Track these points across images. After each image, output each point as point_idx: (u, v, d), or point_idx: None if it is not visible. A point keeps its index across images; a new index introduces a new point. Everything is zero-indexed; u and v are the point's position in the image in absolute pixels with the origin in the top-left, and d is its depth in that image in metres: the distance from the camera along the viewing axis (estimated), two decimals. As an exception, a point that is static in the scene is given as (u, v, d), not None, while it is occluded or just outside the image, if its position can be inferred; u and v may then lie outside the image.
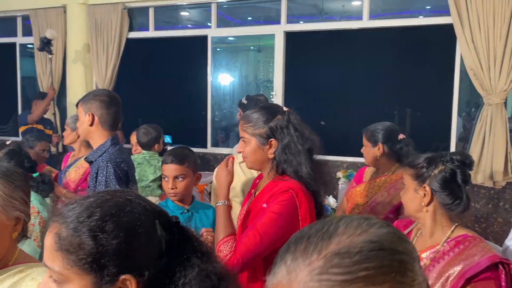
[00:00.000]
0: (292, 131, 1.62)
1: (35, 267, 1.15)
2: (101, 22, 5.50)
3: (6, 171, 1.19)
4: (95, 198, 0.83)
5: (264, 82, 7.99)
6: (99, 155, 2.06)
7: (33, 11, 5.91)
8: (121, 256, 0.79)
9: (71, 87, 5.83)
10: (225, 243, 1.56)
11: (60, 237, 0.80)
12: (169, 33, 5.62)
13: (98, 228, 0.79)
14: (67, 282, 0.80)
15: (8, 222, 1.14)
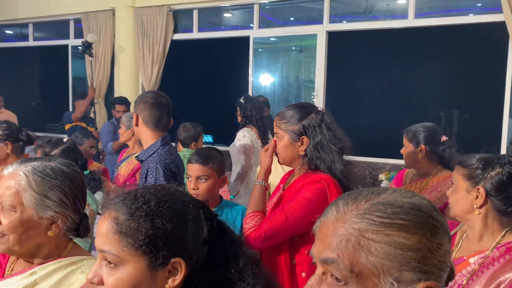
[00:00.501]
0: (325, 130, 1.66)
1: (86, 260, 1.18)
2: (147, 24, 5.67)
3: (44, 169, 1.15)
4: (148, 188, 0.90)
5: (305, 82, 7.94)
6: (149, 155, 2.14)
7: (84, 14, 6.19)
8: (173, 240, 0.85)
9: (118, 87, 6.05)
10: (252, 217, 1.66)
11: (118, 222, 0.85)
12: (212, 34, 5.72)
13: (155, 212, 0.85)
14: (122, 264, 0.84)
15: (39, 221, 1.12)
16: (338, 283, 0.67)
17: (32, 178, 1.12)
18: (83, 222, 1.21)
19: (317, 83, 4.99)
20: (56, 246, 1.18)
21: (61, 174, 1.16)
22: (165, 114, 2.20)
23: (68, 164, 1.22)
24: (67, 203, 1.14)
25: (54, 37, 7.14)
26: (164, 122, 2.20)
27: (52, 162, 1.19)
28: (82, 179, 1.23)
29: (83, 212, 1.22)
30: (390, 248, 0.64)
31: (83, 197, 1.21)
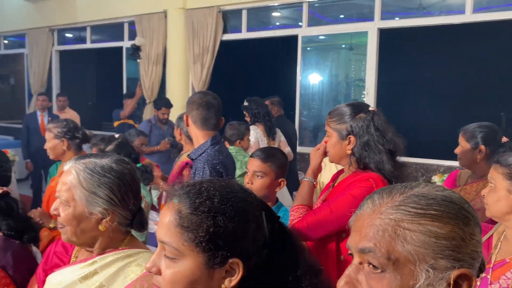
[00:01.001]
0: (373, 130, 1.65)
1: (142, 254, 1.22)
2: (197, 25, 5.79)
3: (94, 167, 1.19)
4: (212, 183, 0.89)
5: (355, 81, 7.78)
6: (199, 154, 2.19)
7: (138, 17, 6.41)
8: (233, 240, 0.83)
9: (170, 87, 6.22)
10: (297, 209, 1.71)
11: (180, 215, 0.84)
12: (261, 34, 5.73)
13: (217, 210, 0.83)
14: (181, 258, 0.83)
15: (90, 216, 1.17)
16: (375, 271, 0.70)
17: (82, 175, 1.18)
18: (137, 217, 1.23)
19: (368, 81, 4.87)
20: (111, 239, 1.22)
21: (109, 172, 1.19)
22: (214, 114, 2.21)
23: (119, 161, 1.24)
24: (115, 200, 1.17)
25: (109, 40, 7.45)
26: (213, 122, 2.22)
27: (104, 159, 1.23)
28: (133, 176, 1.23)
29: (136, 207, 1.23)
30: (425, 236, 0.68)
31: (133, 193, 1.22)
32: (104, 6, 6.91)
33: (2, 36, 8.94)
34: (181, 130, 3.31)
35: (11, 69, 10.22)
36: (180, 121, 3.29)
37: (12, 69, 10.16)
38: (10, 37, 9.01)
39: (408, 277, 0.68)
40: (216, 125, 2.24)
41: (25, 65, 8.69)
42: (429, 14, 4.89)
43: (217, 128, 2.26)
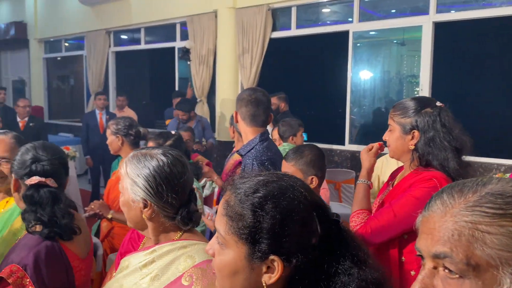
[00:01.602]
0: (439, 126, 1.59)
1: (197, 245, 1.25)
2: (247, 24, 5.84)
3: (139, 157, 1.25)
4: (264, 177, 0.89)
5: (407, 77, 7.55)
6: (248, 150, 2.22)
7: (189, 17, 6.57)
8: (273, 237, 0.82)
9: (220, 85, 6.33)
10: (358, 214, 1.68)
11: (228, 204, 0.87)
12: (310, 30, 5.68)
13: (258, 205, 0.83)
14: (227, 247, 0.87)
15: (133, 203, 1.24)
16: (453, 276, 0.67)
17: (129, 165, 1.26)
18: (181, 212, 1.25)
19: (422, 77, 4.71)
20: (164, 230, 1.26)
21: (149, 164, 1.24)
22: (262, 111, 2.23)
23: (167, 154, 1.27)
24: (150, 192, 1.21)
25: (162, 40, 7.67)
26: (262, 118, 2.23)
27: (154, 150, 1.29)
28: (174, 171, 1.24)
29: (178, 202, 1.24)
30: (507, 238, 0.64)
31: (172, 187, 1.23)
32: (157, 8, 7.14)
33: (63, 39, 9.46)
34: (234, 128, 3.36)
35: (71, 70, 10.81)
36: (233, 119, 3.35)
37: (72, 70, 10.75)
38: (70, 40, 9.52)
39: (491, 282, 0.65)
40: (265, 121, 2.26)
41: (84, 66, 9.16)
42: (489, 5, 4.64)
43: (265, 124, 2.28)
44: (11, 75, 11.22)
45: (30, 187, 1.50)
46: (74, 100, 10.54)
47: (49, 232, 1.45)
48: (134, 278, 1.23)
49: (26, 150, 1.58)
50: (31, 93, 10.16)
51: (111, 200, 2.79)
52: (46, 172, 1.53)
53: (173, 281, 1.17)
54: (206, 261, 1.18)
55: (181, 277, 1.16)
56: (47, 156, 1.55)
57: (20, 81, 10.80)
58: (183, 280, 1.15)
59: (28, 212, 1.47)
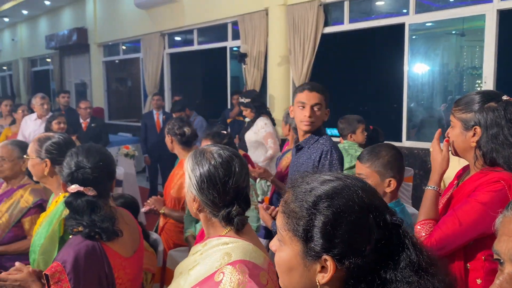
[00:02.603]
0: (503, 122, 1.47)
1: (237, 243, 1.28)
2: (298, 20, 5.80)
3: (195, 155, 1.34)
4: (324, 177, 0.90)
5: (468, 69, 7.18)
6: (312, 143, 2.27)
7: (241, 16, 6.63)
8: (325, 236, 0.82)
9: (271, 83, 6.33)
10: (423, 225, 1.57)
11: (286, 202, 0.90)
12: (364, 24, 5.53)
13: (312, 203, 0.85)
14: (284, 243, 0.89)
15: (188, 196, 1.34)
16: None
17: (188, 160, 1.35)
18: (223, 211, 1.29)
19: (486, 69, 4.45)
20: (212, 224, 1.33)
21: (199, 162, 1.32)
22: None
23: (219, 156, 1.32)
24: (195, 187, 1.30)
25: (214, 40, 7.80)
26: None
27: (210, 148, 1.36)
28: (218, 171, 1.29)
29: (222, 202, 1.29)
30: None
31: (214, 186, 1.28)
32: (208, 9, 7.27)
33: (121, 42, 9.88)
34: (289, 126, 3.35)
35: (128, 73, 11.27)
36: (288, 116, 3.34)
37: (129, 72, 11.21)
38: (127, 43, 9.93)
39: None
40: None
41: (140, 68, 9.52)
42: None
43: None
44: (73, 78, 11.89)
45: (70, 195, 1.59)
46: (132, 101, 10.99)
47: (90, 232, 1.53)
48: (189, 265, 1.31)
49: (71, 155, 1.64)
50: (92, 95, 10.71)
51: (166, 197, 2.90)
52: (86, 181, 1.59)
53: (208, 277, 1.21)
54: (240, 260, 1.22)
55: (215, 273, 1.20)
56: (89, 164, 1.60)
57: (82, 84, 11.42)
58: (216, 276, 1.19)
59: (69, 218, 1.58)
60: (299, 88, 2.32)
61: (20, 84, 14.22)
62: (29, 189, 2.60)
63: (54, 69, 12.37)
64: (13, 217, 2.53)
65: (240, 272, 1.18)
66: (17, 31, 14.10)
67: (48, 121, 4.42)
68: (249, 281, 1.16)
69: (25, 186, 2.63)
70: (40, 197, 2.58)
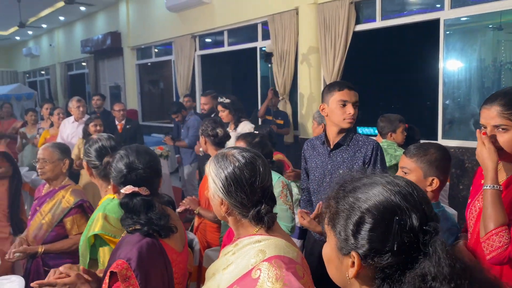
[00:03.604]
0: None
1: (269, 240, 1.29)
2: (329, 19, 5.75)
3: (218, 159, 1.35)
4: (366, 179, 0.94)
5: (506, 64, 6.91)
6: (349, 141, 2.34)
7: (271, 16, 6.63)
8: (352, 233, 0.88)
9: (302, 83, 6.31)
10: (497, 233, 1.41)
11: (330, 198, 0.96)
12: (397, 21, 5.42)
13: (350, 203, 0.90)
14: (328, 236, 0.97)
15: (214, 198, 1.36)
16: None
17: (211, 164, 1.38)
18: (252, 211, 1.31)
19: (526, 64, 4.28)
20: (241, 224, 1.35)
21: (223, 165, 1.33)
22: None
23: (242, 157, 1.33)
24: (222, 190, 1.32)
25: (244, 41, 7.83)
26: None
27: (232, 150, 1.38)
28: (245, 172, 1.31)
29: (251, 203, 1.30)
30: None
31: (242, 188, 1.30)
32: (238, 10, 7.31)
33: (153, 45, 10.08)
34: (324, 125, 3.32)
35: (160, 75, 11.48)
36: (322, 116, 3.31)
37: (161, 74, 11.42)
38: (159, 46, 10.12)
39: None
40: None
41: (172, 70, 9.68)
42: None
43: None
44: (108, 81, 12.22)
45: (125, 196, 1.63)
46: (164, 103, 11.19)
47: (148, 230, 1.56)
48: (221, 266, 1.33)
49: (121, 157, 1.67)
50: (126, 98, 10.97)
51: (200, 197, 2.93)
52: (140, 181, 1.63)
53: (245, 274, 1.23)
54: (275, 256, 1.23)
55: (251, 270, 1.22)
56: (141, 165, 1.64)
57: (116, 86, 11.72)
58: (253, 273, 1.21)
59: (124, 218, 1.61)
60: (335, 87, 2.30)
61: (57, 88, 14.74)
62: (70, 190, 2.70)
63: (89, 72, 12.76)
64: (56, 217, 2.64)
65: (277, 267, 1.20)
66: (54, 37, 14.62)
67: (85, 123, 4.58)
68: (287, 274, 1.18)
69: (66, 187, 2.73)
70: (80, 198, 2.67)
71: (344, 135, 2.33)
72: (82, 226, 2.66)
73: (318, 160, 2.41)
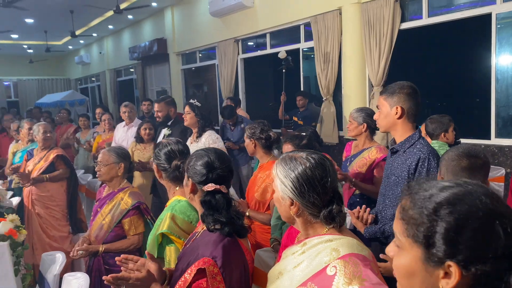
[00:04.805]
0: None
1: (343, 239, 1.31)
2: (373, 18, 5.67)
3: (286, 160, 1.37)
4: (443, 183, 0.90)
5: None
6: (407, 147, 2.17)
7: (313, 17, 6.63)
8: (448, 242, 0.82)
9: (346, 83, 6.26)
10: None
11: (403, 208, 0.90)
12: (445, 17, 5.27)
13: (434, 210, 0.85)
14: (403, 249, 0.90)
15: (282, 200, 1.37)
16: None
17: (278, 167, 1.39)
18: (324, 211, 1.33)
19: None
20: (312, 225, 1.36)
21: (295, 166, 1.35)
22: (419, 105, 2.19)
23: (311, 157, 1.36)
24: (294, 191, 1.33)
25: (286, 43, 7.87)
26: (417, 113, 2.20)
27: (299, 153, 1.40)
28: (316, 172, 1.33)
29: (322, 202, 1.32)
30: None
31: (314, 188, 1.32)
32: (281, 13, 7.36)
33: (197, 50, 10.32)
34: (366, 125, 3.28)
35: (204, 79, 11.72)
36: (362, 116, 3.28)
37: (205, 78, 11.65)
38: (203, 51, 10.34)
39: None
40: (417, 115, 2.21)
41: (216, 74, 9.87)
42: None
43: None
44: (155, 86, 12.62)
45: (207, 193, 1.68)
46: (208, 106, 11.41)
47: (229, 230, 1.62)
48: (289, 265, 1.36)
49: (201, 157, 1.74)
50: (172, 102, 11.30)
51: (249, 199, 2.99)
52: (220, 180, 1.69)
53: (319, 272, 1.25)
54: (349, 254, 1.25)
55: (326, 268, 1.24)
56: (220, 165, 1.71)
57: (162, 91, 12.08)
58: (328, 270, 1.23)
59: (207, 215, 1.65)
60: None
61: (107, 93, 15.39)
62: (128, 192, 2.85)
63: (137, 78, 13.23)
64: (115, 218, 2.79)
65: (353, 264, 1.21)
66: (103, 45, 15.28)
67: (138, 127, 4.81)
68: (365, 270, 1.19)
69: (125, 189, 2.88)
70: (137, 200, 2.81)
71: (403, 141, 2.20)
72: (139, 227, 2.80)
73: (386, 162, 2.39)
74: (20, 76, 18.67)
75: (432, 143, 3.12)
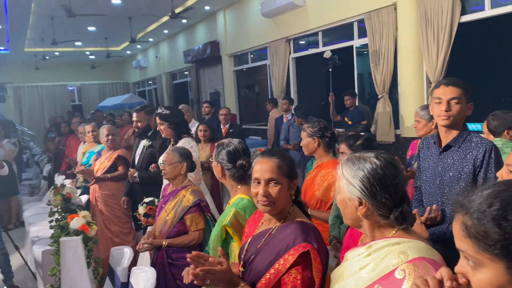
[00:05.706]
0: None
1: (411, 242, 1.28)
2: (431, 12, 5.48)
3: (353, 160, 1.36)
4: (493, 189, 0.87)
5: None
6: (461, 142, 2.21)
7: (367, 14, 6.51)
8: None
9: (402, 80, 6.09)
10: None
11: (466, 226, 0.87)
12: (511, 8, 4.98)
13: (500, 217, 0.82)
14: (481, 266, 0.86)
15: (349, 202, 1.35)
16: None
17: (345, 167, 1.37)
18: (394, 211, 1.31)
19: None
20: (379, 227, 1.34)
21: (364, 166, 1.32)
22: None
23: (379, 157, 1.35)
24: (365, 191, 1.30)
25: (339, 40, 7.78)
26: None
27: (368, 153, 1.37)
28: (387, 172, 1.31)
29: (393, 202, 1.30)
30: None
31: (386, 188, 1.30)
32: (334, 10, 7.29)
33: (249, 52, 10.46)
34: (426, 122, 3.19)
35: (256, 79, 11.85)
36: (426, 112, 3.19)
37: (256, 79, 11.78)
38: (254, 52, 10.46)
39: None
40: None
41: (267, 74, 9.95)
42: None
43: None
44: (208, 88, 12.93)
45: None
46: (260, 106, 11.53)
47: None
48: (353, 267, 1.35)
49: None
50: (225, 102, 11.52)
51: (308, 198, 2.99)
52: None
53: (386, 274, 1.23)
54: (419, 258, 1.21)
55: (394, 271, 1.22)
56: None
57: (215, 92, 12.35)
58: (396, 273, 1.21)
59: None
60: (436, 84, 2.27)
61: (163, 96, 15.96)
62: (190, 190, 2.97)
63: (191, 80, 13.62)
64: (177, 214, 2.92)
65: (423, 268, 1.18)
66: (159, 49, 15.86)
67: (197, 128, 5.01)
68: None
69: (187, 187, 3.01)
70: (198, 198, 2.92)
71: (456, 136, 2.19)
72: (200, 223, 2.91)
73: (430, 160, 2.33)
74: (83, 81, 19.81)
75: (495, 141, 2.98)
